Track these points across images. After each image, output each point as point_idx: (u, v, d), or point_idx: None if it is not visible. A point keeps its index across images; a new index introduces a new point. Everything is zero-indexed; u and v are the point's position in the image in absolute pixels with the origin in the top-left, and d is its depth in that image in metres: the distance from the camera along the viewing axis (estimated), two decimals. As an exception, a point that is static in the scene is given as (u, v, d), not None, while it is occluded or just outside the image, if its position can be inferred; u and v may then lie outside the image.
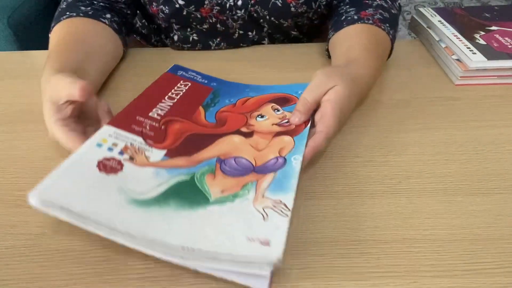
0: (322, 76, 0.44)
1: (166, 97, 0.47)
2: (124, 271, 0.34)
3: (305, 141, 0.41)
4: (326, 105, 0.43)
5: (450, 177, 0.42)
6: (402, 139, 0.47)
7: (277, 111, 0.46)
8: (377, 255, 0.35)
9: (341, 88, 0.43)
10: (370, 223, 0.37)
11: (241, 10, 0.61)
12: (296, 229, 0.37)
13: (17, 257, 0.35)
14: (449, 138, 0.47)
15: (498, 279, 0.33)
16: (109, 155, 0.37)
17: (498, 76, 0.56)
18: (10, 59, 0.64)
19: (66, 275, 0.33)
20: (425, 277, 0.33)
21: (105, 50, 0.56)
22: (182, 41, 0.67)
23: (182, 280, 0.33)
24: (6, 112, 0.52)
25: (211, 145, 0.41)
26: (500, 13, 0.66)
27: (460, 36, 0.59)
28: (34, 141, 0.47)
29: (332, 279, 0.33)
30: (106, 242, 0.36)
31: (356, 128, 0.49)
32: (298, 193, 0.36)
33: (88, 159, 0.36)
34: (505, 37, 0.59)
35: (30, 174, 0.43)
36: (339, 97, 0.43)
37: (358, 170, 0.43)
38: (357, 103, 0.49)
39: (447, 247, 0.35)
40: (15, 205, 0.39)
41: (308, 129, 0.42)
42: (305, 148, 0.40)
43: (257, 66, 0.61)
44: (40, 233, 0.37)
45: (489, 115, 0.51)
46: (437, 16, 0.65)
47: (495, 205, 0.39)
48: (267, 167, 0.38)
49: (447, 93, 0.55)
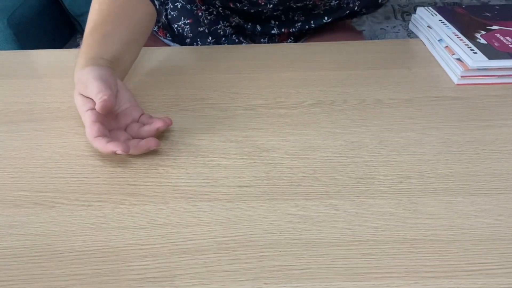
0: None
1: None
2: (124, 272, 0.34)
3: None
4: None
5: (451, 177, 0.42)
6: (402, 139, 0.47)
7: None
8: (378, 256, 0.34)
9: None
10: (370, 224, 0.37)
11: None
12: (296, 229, 0.37)
13: (16, 258, 0.35)
14: (450, 138, 0.47)
15: (499, 280, 0.33)
16: None
17: (499, 76, 0.55)
18: (10, 59, 0.64)
19: (65, 276, 0.33)
20: (426, 278, 0.33)
21: (145, 37, 0.55)
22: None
23: (181, 280, 0.33)
24: (6, 112, 0.52)
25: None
26: (501, 12, 0.66)
27: (460, 35, 0.59)
28: (34, 141, 0.47)
29: (333, 280, 0.33)
30: (106, 243, 0.36)
31: (356, 128, 0.48)
32: None
33: None
34: (506, 36, 0.59)
35: (30, 174, 0.43)
36: None
37: (358, 170, 0.43)
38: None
39: (448, 247, 0.35)
40: (15, 205, 0.39)
41: None
42: None
43: (259, 66, 0.61)
44: (39, 233, 0.37)
45: (490, 114, 0.50)
46: (438, 15, 0.65)
47: (496, 205, 0.39)
48: None
49: (448, 92, 0.55)
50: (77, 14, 1.38)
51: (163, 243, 0.36)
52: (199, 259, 0.34)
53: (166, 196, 0.40)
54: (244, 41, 0.74)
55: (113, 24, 0.50)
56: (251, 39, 0.74)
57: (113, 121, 0.45)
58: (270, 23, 0.71)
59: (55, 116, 0.51)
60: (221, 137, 0.47)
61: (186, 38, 0.73)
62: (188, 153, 0.45)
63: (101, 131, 0.41)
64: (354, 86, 0.56)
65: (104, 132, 0.42)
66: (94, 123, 0.42)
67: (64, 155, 0.45)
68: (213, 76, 0.58)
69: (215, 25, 0.70)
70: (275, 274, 0.33)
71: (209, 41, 0.73)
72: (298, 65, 0.61)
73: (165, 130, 0.48)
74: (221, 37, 0.72)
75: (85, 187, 0.41)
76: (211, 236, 0.36)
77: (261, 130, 0.48)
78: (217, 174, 0.42)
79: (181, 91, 0.55)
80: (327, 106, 0.52)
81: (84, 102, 0.44)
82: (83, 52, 0.47)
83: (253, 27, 0.71)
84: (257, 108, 0.52)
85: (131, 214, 0.38)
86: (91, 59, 0.46)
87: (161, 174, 0.43)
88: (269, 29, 0.71)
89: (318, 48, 0.65)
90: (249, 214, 0.38)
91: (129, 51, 0.52)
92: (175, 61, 0.62)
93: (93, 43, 0.48)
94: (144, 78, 0.58)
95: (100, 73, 0.44)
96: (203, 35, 0.72)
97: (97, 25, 0.50)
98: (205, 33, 0.72)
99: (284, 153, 0.45)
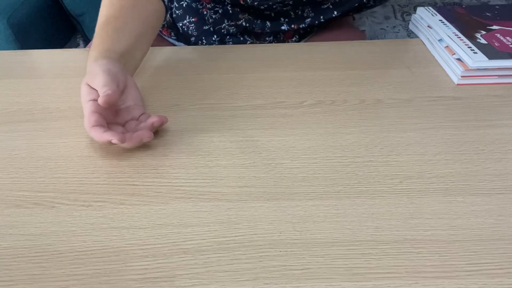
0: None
1: None
2: (124, 272, 0.34)
3: None
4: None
5: (451, 177, 0.42)
6: (403, 139, 0.47)
7: None
8: (378, 256, 0.34)
9: None
10: (371, 224, 0.37)
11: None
12: (296, 229, 0.37)
13: (16, 258, 0.35)
14: (450, 138, 0.47)
15: (499, 280, 0.33)
16: None
17: (499, 76, 0.55)
18: (10, 59, 0.64)
19: (65, 276, 0.33)
20: (426, 278, 0.33)
21: (155, 32, 0.57)
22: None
23: (181, 281, 0.33)
24: (6, 112, 0.52)
25: None
26: (501, 12, 0.66)
27: (461, 35, 0.59)
28: (34, 141, 0.47)
29: (333, 280, 0.33)
30: (106, 243, 0.36)
31: (356, 128, 0.48)
32: None
33: None
34: (506, 36, 0.59)
35: (30, 174, 0.43)
36: None
37: (358, 170, 0.43)
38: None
39: (448, 247, 0.35)
40: (15, 205, 0.39)
41: None
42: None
43: (264, 66, 0.61)
44: (39, 233, 0.37)
45: (490, 114, 0.50)
46: (438, 15, 0.65)
47: (496, 205, 0.39)
48: None
49: (448, 92, 0.55)
50: (77, 14, 1.38)
51: (163, 243, 0.36)
52: (199, 259, 0.34)
53: (166, 196, 0.40)
54: (249, 39, 0.73)
55: (125, 19, 0.52)
56: (256, 37, 0.74)
57: (112, 115, 0.46)
58: (280, 20, 0.71)
59: (55, 116, 0.51)
60: (221, 137, 0.47)
61: (191, 36, 0.73)
62: (188, 153, 0.45)
63: (98, 121, 0.42)
64: (354, 86, 0.56)
65: (102, 123, 0.42)
66: (93, 113, 0.42)
67: (64, 155, 0.45)
68: (213, 76, 0.58)
69: (220, 24, 0.71)
70: (275, 274, 0.33)
71: (214, 39, 0.73)
72: (298, 65, 0.61)
73: (165, 130, 0.48)
74: (225, 36, 0.72)
75: (85, 187, 0.41)
76: (211, 236, 0.36)
77: (261, 130, 0.48)
78: (217, 174, 0.42)
79: (181, 91, 0.55)
80: (327, 106, 0.52)
81: (88, 92, 0.44)
82: (96, 45, 0.48)
83: (262, 24, 0.71)
84: (257, 108, 0.52)
85: (131, 214, 0.38)
86: (104, 51, 0.47)
87: (161, 174, 0.43)
88: (279, 25, 0.71)
89: (318, 48, 0.65)
90: (249, 214, 0.38)
91: (140, 46, 0.53)
92: (175, 61, 0.62)
93: (106, 37, 0.49)
94: (144, 78, 0.58)
95: (111, 68, 0.45)
96: (208, 33, 0.72)
97: (109, 19, 0.51)
98: (210, 31, 0.72)
99: (284, 153, 0.45)
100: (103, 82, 0.43)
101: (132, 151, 0.45)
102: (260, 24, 0.70)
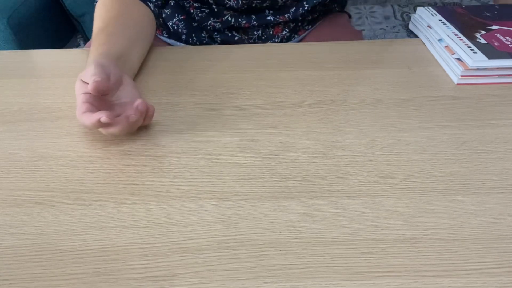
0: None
1: None
2: (124, 271, 0.34)
3: None
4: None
5: (450, 177, 0.42)
6: (402, 138, 0.47)
7: None
8: (378, 255, 0.35)
9: None
10: (370, 223, 0.37)
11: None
12: (296, 228, 0.37)
13: (16, 257, 0.35)
14: (450, 138, 0.47)
15: (499, 279, 0.33)
16: None
17: (498, 76, 0.56)
18: (10, 59, 0.64)
19: (65, 275, 0.33)
20: (426, 277, 0.33)
21: (148, 36, 0.60)
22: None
23: (181, 280, 0.33)
24: (6, 112, 0.52)
25: None
26: (501, 12, 0.66)
27: (460, 35, 0.59)
28: (34, 140, 0.47)
29: (333, 279, 0.33)
30: (106, 242, 0.36)
31: (356, 127, 0.49)
32: None
33: None
34: (506, 36, 0.59)
35: (30, 174, 0.43)
36: None
37: (358, 170, 0.43)
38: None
39: (448, 246, 0.35)
40: (15, 204, 0.39)
41: None
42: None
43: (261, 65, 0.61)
44: (39, 232, 0.37)
45: (490, 114, 0.50)
46: (438, 15, 0.65)
47: (496, 205, 0.39)
48: None
49: (448, 92, 0.55)
50: (77, 14, 1.38)
51: (163, 242, 0.36)
52: (199, 258, 0.34)
53: (166, 195, 0.40)
54: (237, 35, 0.74)
55: (115, 25, 0.56)
56: (244, 32, 0.74)
57: (104, 107, 0.46)
58: (265, 12, 0.72)
59: (55, 116, 0.51)
60: (221, 136, 0.47)
61: (182, 34, 0.75)
62: (188, 152, 0.45)
63: (89, 109, 0.43)
64: (354, 86, 0.56)
65: (92, 110, 0.43)
66: (84, 103, 0.44)
67: (64, 154, 0.45)
68: (213, 76, 0.58)
69: (206, 21, 0.73)
70: (275, 273, 0.33)
71: (203, 36, 0.75)
72: (298, 65, 0.61)
73: (165, 130, 0.48)
74: (213, 32, 0.74)
75: (85, 186, 0.41)
76: (211, 235, 0.36)
77: (261, 129, 0.48)
78: (217, 174, 0.42)
79: (181, 91, 0.55)
80: (327, 106, 0.52)
81: (81, 86, 0.46)
82: (91, 52, 0.51)
83: (248, 18, 0.72)
84: (257, 108, 0.52)
85: (131, 213, 0.38)
86: (99, 55, 0.49)
87: (161, 173, 0.43)
88: (265, 17, 0.72)
89: (318, 48, 0.65)
90: (249, 213, 0.38)
91: (135, 49, 0.56)
92: (175, 61, 0.62)
93: (99, 43, 0.52)
94: (144, 78, 0.58)
95: (102, 62, 0.47)
96: (196, 30, 0.75)
97: (101, 29, 0.55)
98: (199, 28, 0.74)
99: (284, 152, 0.45)
100: (92, 71, 0.44)
101: (132, 151, 0.45)
102: (246, 18, 0.72)
